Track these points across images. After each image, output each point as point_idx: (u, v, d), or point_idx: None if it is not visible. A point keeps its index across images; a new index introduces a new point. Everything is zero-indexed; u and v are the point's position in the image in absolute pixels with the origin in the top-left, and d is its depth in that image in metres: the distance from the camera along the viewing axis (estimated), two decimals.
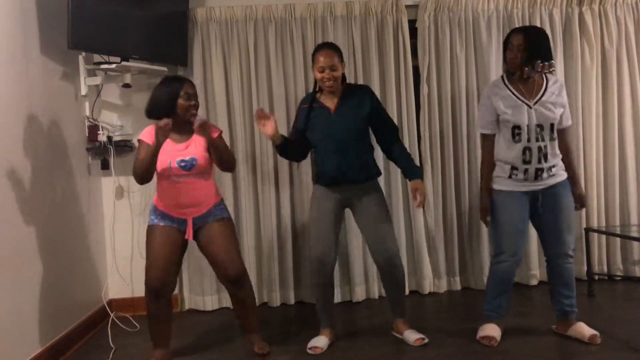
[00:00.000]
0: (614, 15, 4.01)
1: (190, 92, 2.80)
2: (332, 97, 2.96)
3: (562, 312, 2.95)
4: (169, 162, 2.76)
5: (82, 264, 3.45)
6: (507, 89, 2.87)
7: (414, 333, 2.98)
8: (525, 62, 2.79)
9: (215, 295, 3.89)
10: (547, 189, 2.87)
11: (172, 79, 2.88)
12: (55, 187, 3.11)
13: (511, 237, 2.88)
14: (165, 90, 2.79)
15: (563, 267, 2.89)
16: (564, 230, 2.86)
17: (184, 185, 2.79)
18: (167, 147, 2.77)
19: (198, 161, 2.80)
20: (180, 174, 2.78)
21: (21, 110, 2.77)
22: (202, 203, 2.84)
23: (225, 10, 3.80)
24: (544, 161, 2.82)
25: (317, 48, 2.97)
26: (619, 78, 4.03)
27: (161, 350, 2.89)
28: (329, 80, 2.87)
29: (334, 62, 2.87)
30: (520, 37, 2.79)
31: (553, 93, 2.84)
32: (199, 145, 2.84)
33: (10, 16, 2.73)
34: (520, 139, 2.82)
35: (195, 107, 2.82)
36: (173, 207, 2.82)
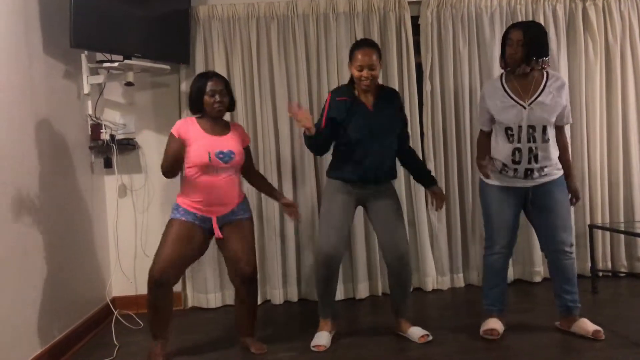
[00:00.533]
0: (618, 10, 3.98)
1: (216, 88, 2.81)
2: (366, 95, 2.95)
3: (564, 308, 2.95)
4: (208, 154, 2.76)
5: (85, 262, 3.46)
6: (502, 88, 2.87)
7: (419, 330, 2.98)
8: (525, 58, 2.77)
9: (219, 293, 3.90)
10: (539, 186, 2.87)
11: (201, 75, 2.92)
12: (58, 186, 3.12)
13: (501, 230, 2.93)
14: (193, 87, 2.86)
15: (562, 263, 2.89)
16: (558, 227, 2.86)
17: (217, 180, 2.80)
18: (204, 140, 2.79)
19: (235, 155, 2.83)
20: (220, 166, 2.79)
21: (24, 109, 2.78)
22: (230, 202, 2.86)
23: (228, 8, 3.80)
24: (534, 162, 2.82)
25: (356, 45, 2.93)
26: (622, 73, 4.00)
27: (161, 342, 2.87)
28: (367, 79, 2.85)
29: (373, 61, 2.84)
30: (520, 32, 2.77)
31: (551, 92, 2.81)
32: (236, 141, 2.88)
33: (13, 15, 2.73)
34: (512, 140, 2.83)
35: (220, 103, 2.82)
36: (202, 204, 2.81)
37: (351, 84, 2.99)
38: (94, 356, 3.03)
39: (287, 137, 3.84)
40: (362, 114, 2.92)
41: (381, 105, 2.95)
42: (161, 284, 2.78)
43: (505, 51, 2.87)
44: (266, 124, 3.85)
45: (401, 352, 2.85)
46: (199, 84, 2.83)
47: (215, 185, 2.80)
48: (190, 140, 2.79)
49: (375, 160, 2.91)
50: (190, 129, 2.82)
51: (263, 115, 3.85)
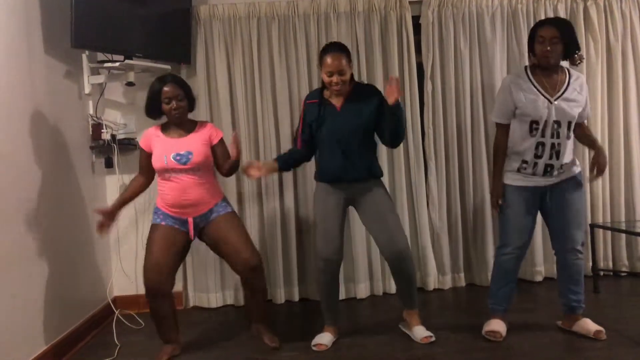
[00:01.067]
0: (619, 10, 3.98)
1: (171, 94, 2.80)
2: (338, 96, 2.94)
3: (569, 307, 2.95)
4: (164, 157, 2.78)
5: (86, 261, 3.46)
6: (529, 81, 2.83)
7: (423, 330, 2.96)
8: (565, 55, 2.77)
9: (220, 293, 3.90)
10: (556, 184, 2.86)
11: (157, 80, 2.87)
12: (59, 186, 3.12)
13: (516, 231, 2.89)
14: (149, 93, 2.85)
15: (572, 262, 2.88)
16: (572, 225, 2.84)
17: (181, 183, 2.79)
18: (163, 143, 2.81)
19: (194, 155, 2.79)
20: (177, 168, 2.77)
21: (25, 109, 2.78)
22: (202, 202, 2.84)
23: (228, 8, 3.80)
24: (555, 158, 2.80)
25: (325, 50, 2.90)
26: (624, 73, 4.00)
27: (170, 346, 2.91)
28: (337, 85, 2.84)
29: (342, 66, 2.81)
30: (554, 30, 2.74)
31: (575, 89, 2.81)
32: (196, 141, 2.85)
33: (14, 15, 2.74)
34: (537, 134, 2.80)
35: (177, 109, 2.81)
36: (173, 207, 2.83)
37: (323, 86, 2.99)
38: (95, 356, 3.03)
39: (287, 136, 3.84)
40: (330, 115, 2.91)
41: (350, 104, 2.91)
42: (157, 293, 2.80)
43: (534, 47, 2.82)
44: (267, 123, 3.85)
45: (402, 352, 2.85)
46: (153, 90, 2.82)
47: (180, 187, 2.80)
48: (153, 146, 2.85)
49: (348, 160, 2.88)
50: (153, 137, 2.87)
51: (264, 115, 3.85)
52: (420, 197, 3.91)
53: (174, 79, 2.87)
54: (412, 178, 3.91)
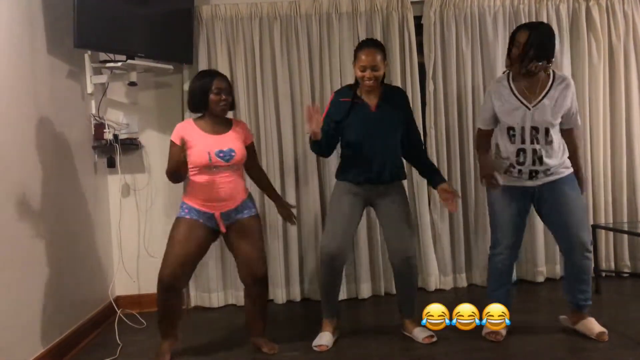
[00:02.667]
0: (622, 10, 3.97)
1: (221, 86, 2.80)
2: (370, 95, 2.94)
3: (576, 305, 2.93)
4: (208, 154, 2.76)
5: (88, 261, 3.47)
6: (509, 87, 2.85)
7: (424, 331, 2.96)
8: (523, 61, 2.73)
9: (222, 292, 3.90)
10: (545, 185, 2.86)
11: (204, 73, 2.91)
12: (62, 186, 3.13)
13: (506, 230, 2.90)
14: (197, 84, 2.83)
15: (578, 262, 2.84)
16: (572, 224, 2.81)
17: (219, 179, 2.79)
18: (204, 139, 2.79)
19: (236, 153, 2.81)
20: (220, 165, 2.78)
21: (27, 108, 2.79)
22: (233, 198, 2.85)
23: (230, 8, 3.80)
24: (538, 164, 2.81)
25: (361, 45, 2.91)
26: (626, 73, 3.99)
27: (167, 342, 2.90)
28: (370, 80, 2.83)
29: (377, 62, 2.82)
30: (526, 34, 2.74)
31: (555, 95, 2.79)
32: (235, 139, 2.86)
33: (17, 15, 2.74)
34: (515, 141, 2.83)
35: (225, 102, 2.82)
36: (206, 201, 2.82)
37: (356, 84, 2.98)
38: (96, 355, 3.04)
39: (290, 137, 3.84)
40: (364, 115, 2.91)
41: (385, 106, 2.94)
42: (171, 287, 2.79)
43: (510, 51, 2.84)
44: (269, 124, 3.85)
45: (404, 352, 2.85)
46: (203, 82, 2.81)
47: (218, 184, 2.79)
48: (191, 142, 2.79)
49: (378, 160, 2.90)
50: (189, 132, 2.81)
51: (266, 116, 3.86)
52: (422, 198, 3.91)
53: (220, 73, 2.92)
54: (414, 178, 3.90)
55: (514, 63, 2.82)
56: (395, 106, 2.96)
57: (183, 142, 2.76)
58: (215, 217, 2.84)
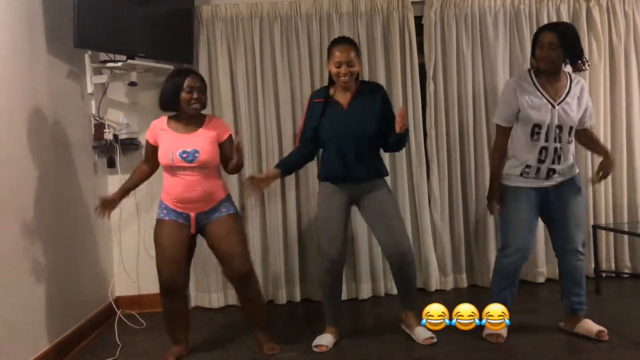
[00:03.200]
0: (622, 10, 3.97)
1: (194, 84, 2.76)
2: (345, 93, 2.94)
3: (571, 309, 2.94)
4: (170, 154, 2.73)
5: (88, 261, 3.46)
6: (533, 84, 2.83)
7: (425, 331, 2.94)
8: (566, 60, 2.78)
9: (221, 293, 3.90)
10: (557, 186, 2.85)
11: (177, 72, 2.86)
12: (62, 186, 3.13)
13: (518, 232, 2.87)
14: (169, 83, 2.79)
15: (573, 264, 2.87)
16: (572, 226, 2.84)
17: (186, 180, 2.75)
18: (170, 139, 2.77)
19: (200, 154, 2.73)
20: (183, 165, 2.73)
21: (27, 108, 2.78)
22: (206, 199, 2.80)
23: (231, 8, 3.80)
24: (557, 163, 2.81)
25: (334, 42, 2.93)
26: (627, 73, 3.99)
27: (178, 347, 2.91)
28: (345, 76, 2.84)
29: (351, 58, 2.83)
30: (554, 35, 2.73)
31: (576, 94, 2.81)
32: (203, 139, 2.79)
33: (17, 15, 2.74)
34: (539, 138, 2.80)
35: (197, 100, 2.76)
36: (177, 202, 2.80)
37: (330, 84, 2.99)
38: (96, 356, 3.04)
39: (290, 137, 3.84)
40: (335, 114, 2.91)
41: (358, 103, 2.92)
42: (174, 290, 2.81)
43: (535, 52, 2.82)
44: (269, 124, 3.85)
45: (404, 352, 2.85)
46: (175, 80, 2.76)
47: (186, 184, 2.75)
48: (159, 140, 2.80)
49: (353, 159, 2.87)
50: (159, 130, 2.81)
51: (266, 116, 3.85)
52: (422, 198, 3.91)
53: (194, 71, 2.89)
54: (414, 178, 3.90)
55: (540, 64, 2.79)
56: (368, 102, 2.92)
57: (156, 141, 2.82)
58: (190, 218, 2.82)
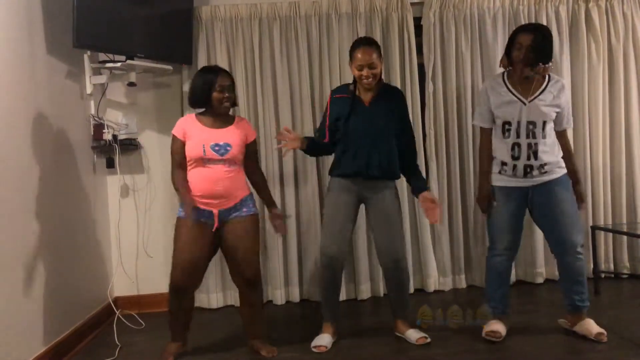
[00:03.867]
0: (621, 12, 3.98)
1: (225, 84, 2.78)
2: (366, 92, 2.96)
3: (573, 307, 2.93)
4: (202, 146, 2.74)
5: (87, 262, 3.46)
6: (504, 85, 2.88)
7: (416, 332, 2.97)
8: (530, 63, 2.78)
9: (221, 293, 3.90)
10: (539, 185, 2.87)
11: (207, 69, 2.87)
12: (61, 186, 3.12)
13: (502, 231, 2.92)
14: (200, 81, 2.80)
15: (571, 264, 2.87)
16: (564, 226, 2.83)
17: (215, 173, 2.76)
18: (201, 132, 2.78)
19: (232, 147, 2.78)
20: (215, 158, 2.75)
21: (26, 109, 2.78)
22: (231, 195, 2.81)
23: (230, 9, 3.80)
24: (533, 158, 2.82)
25: (356, 44, 2.93)
26: (625, 75, 4.00)
27: (176, 344, 2.92)
28: (368, 78, 2.85)
29: (373, 60, 2.84)
30: (530, 37, 2.76)
31: (551, 93, 2.84)
32: (234, 134, 2.83)
33: (16, 15, 2.74)
34: (510, 135, 2.84)
35: (228, 100, 2.80)
36: (202, 197, 2.78)
37: (353, 82, 3.00)
38: (95, 356, 3.04)
39: None
40: (358, 110, 2.93)
41: (379, 102, 2.95)
42: (184, 291, 2.81)
43: (510, 52, 2.86)
44: (268, 124, 3.85)
45: (403, 353, 2.85)
46: (206, 79, 2.77)
47: (214, 178, 2.76)
48: (189, 135, 2.79)
49: (367, 153, 2.89)
50: (189, 126, 2.82)
51: (265, 116, 3.86)
52: None
53: (224, 69, 2.88)
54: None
55: (515, 64, 2.84)
56: (389, 103, 2.97)
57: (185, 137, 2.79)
58: (213, 214, 2.81)
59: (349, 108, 2.92)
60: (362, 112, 2.92)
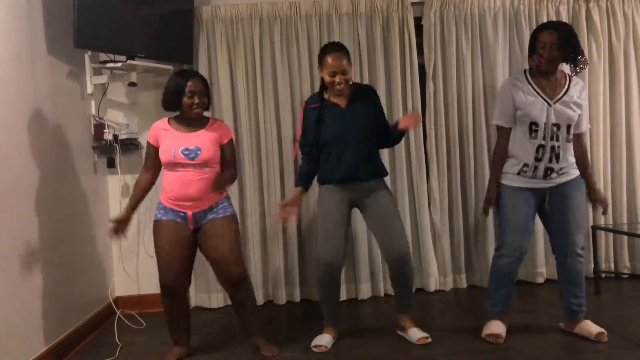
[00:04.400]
0: (622, 11, 3.97)
1: (195, 89, 2.76)
2: (340, 96, 2.95)
3: (570, 311, 2.94)
4: (172, 151, 2.75)
5: (88, 261, 3.47)
6: (528, 83, 2.84)
7: (418, 332, 2.97)
8: (568, 59, 2.77)
9: (221, 293, 3.89)
10: (555, 187, 2.85)
11: (180, 74, 2.86)
12: (62, 186, 3.13)
13: (514, 232, 2.87)
14: (171, 85, 2.79)
15: (572, 266, 2.86)
16: (572, 228, 2.84)
17: (186, 176, 2.75)
18: (172, 137, 2.78)
19: (202, 151, 2.76)
20: (184, 162, 2.74)
21: (27, 109, 2.79)
22: (205, 198, 2.80)
23: (231, 9, 3.80)
24: (555, 161, 2.80)
25: (325, 50, 2.90)
26: (626, 74, 3.99)
27: (179, 348, 2.91)
28: (340, 84, 2.84)
29: (344, 66, 2.83)
30: (555, 35, 2.73)
31: (574, 94, 2.81)
32: (205, 138, 2.81)
33: (17, 15, 2.74)
34: (537, 136, 2.80)
35: (198, 105, 2.78)
36: (175, 199, 2.79)
37: (322, 88, 2.99)
38: (96, 356, 3.04)
39: (289, 138, 3.84)
40: (335, 114, 2.92)
41: (356, 104, 2.94)
42: (175, 292, 2.80)
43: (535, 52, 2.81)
44: (269, 125, 3.85)
45: (403, 353, 2.85)
46: (178, 83, 2.77)
47: (185, 181, 2.75)
48: (161, 139, 2.81)
49: (354, 157, 2.89)
50: (161, 131, 2.83)
51: (265, 116, 3.86)
52: (422, 199, 3.91)
53: (197, 74, 2.87)
54: (414, 179, 3.91)
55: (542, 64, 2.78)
56: (366, 104, 2.96)
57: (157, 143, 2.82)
58: (187, 216, 2.81)
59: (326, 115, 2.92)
60: (341, 116, 2.91)
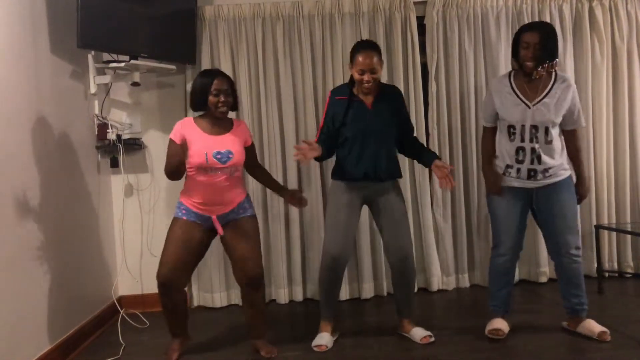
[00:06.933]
0: (625, 10, 3.96)
1: (221, 87, 2.76)
2: (367, 95, 2.95)
3: (571, 310, 2.95)
4: (205, 154, 2.73)
5: (91, 261, 3.48)
6: (509, 86, 2.86)
7: (421, 331, 2.98)
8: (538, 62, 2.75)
9: (224, 292, 3.91)
10: (543, 187, 2.86)
11: (205, 73, 2.86)
12: (65, 186, 3.14)
13: (506, 231, 2.92)
14: (197, 84, 2.80)
15: (567, 266, 2.88)
16: (563, 229, 2.84)
17: (215, 181, 2.76)
18: (202, 139, 2.77)
19: (234, 155, 2.78)
20: (217, 166, 2.75)
21: (30, 109, 2.80)
22: (230, 201, 2.83)
23: (233, 8, 3.81)
24: (537, 163, 2.81)
25: (357, 48, 2.90)
26: (629, 74, 3.99)
27: (177, 340, 2.93)
28: (368, 83, 2.84)
29: (374, 64, 2.82)
30: (538, 35, 2.74)
31: (557, 94, 2.80)
32: (234, 141, 2.82)
33: (20, 16, 2.75)
34: (514, 139, 2.84)
35: (224, 104, 2.77)
36: (201, 204, 2.80)
37: (351, 82, 2.99)
38: (100, 355, 3.05)
39: (292, 137, 3.85)
40: (360, 112, 2.92)
41: (381, 104, 2.95)
42: (168, 288, 2.80)
43: (518, 52, 2.83)
44: (271, 124, 3.86)
45: (406, 352, 2.86)
46: (204, 82, 2.77)
47: (214, 185, 2.77)
48: (189, 141, 2.77)
49: (374, 157, 2.90)
50: (188, 131, 2.78)
51: (268, 116, 3.86)
52: (425, 198, 3.91)
53: (221, 73, 2.86)
54: (417, 178, 3.91)
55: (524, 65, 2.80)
56: (390, 104, 2.97)
57: (184, 142, 2.74)
58: (212, 220, 2.83)
59: (352, 111, 2.91)
60: (366, 114, 2.91)
